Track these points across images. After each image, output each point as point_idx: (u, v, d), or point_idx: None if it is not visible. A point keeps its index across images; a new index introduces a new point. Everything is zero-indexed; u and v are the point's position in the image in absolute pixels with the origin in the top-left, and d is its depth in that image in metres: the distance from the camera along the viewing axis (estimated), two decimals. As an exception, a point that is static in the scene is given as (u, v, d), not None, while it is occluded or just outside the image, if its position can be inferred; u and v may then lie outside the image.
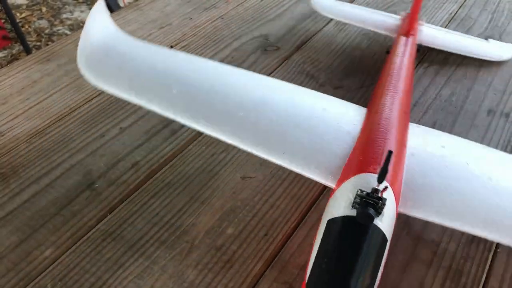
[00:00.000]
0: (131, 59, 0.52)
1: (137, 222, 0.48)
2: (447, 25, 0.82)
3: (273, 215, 0.49)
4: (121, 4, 1.89)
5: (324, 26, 0.82)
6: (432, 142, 0.47)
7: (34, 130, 0.59)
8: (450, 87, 0.67)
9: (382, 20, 0.74)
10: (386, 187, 0.36)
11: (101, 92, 0.65)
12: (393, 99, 0.50)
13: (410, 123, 0.50)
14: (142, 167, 0.54)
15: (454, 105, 0.64)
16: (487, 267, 0.45)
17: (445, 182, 0.42)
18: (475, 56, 0.72)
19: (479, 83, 0.68)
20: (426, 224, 0.48)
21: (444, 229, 0.47)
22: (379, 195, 0.35)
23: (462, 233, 0.47)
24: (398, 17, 0.72)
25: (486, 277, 0.44)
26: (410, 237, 0.47)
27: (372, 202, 0.34)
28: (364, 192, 0.35)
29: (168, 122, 0.60)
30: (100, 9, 0.54)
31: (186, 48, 0.75)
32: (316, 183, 0.52)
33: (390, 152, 0.33)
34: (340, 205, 0.37)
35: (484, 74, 0.70)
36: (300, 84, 0.66)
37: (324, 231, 0.36)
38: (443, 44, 0.73)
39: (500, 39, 0.77)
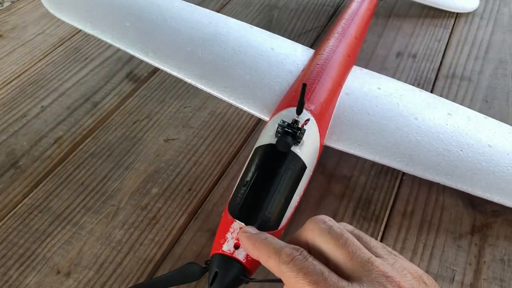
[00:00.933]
0: None
1: (63, 193, 0.49)
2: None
3: (196, 171, 0.51)
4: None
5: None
6: (369, 83, 0.51)
7: (-48, 118, 0.59)
8: (362, 35, 0.70)
9: None
10: (308, 119, 0.40)
11: (20, 75, 0.64)
12: (339, 42, 0.53)
13: (355, 66, 0.53)
14: (65, 141, 0.55)
15: (365, 51, 0.67)
16: (394, 193, 0.49)
17: (373, 119, 0.46)
18: (442, 8, 0.74)
19: (389, 28, 0.72)
20: (338, 161, 0.51)
21: (354, 164, 0.51)
22: (300, 126, 0.38)
23: (372, 166, 0.51)
24: None
25: (393, 202, 0.48)
26: (324, 176, 0.50)
27: (291, 131, 0.37)
28: (286, 123, 0.38)
29: (90, 96, 0.61)
30: None
31: None
32: (237, 137, 0.55)
33: (304, 85, 0.35)
34: (267, 135, 0.40)
35: (394, 20, 0.73)
36: (253, 23, 0.67)
37: (250, 157, 0.40)
38: None
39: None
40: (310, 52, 0.54)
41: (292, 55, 0.53)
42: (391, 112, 0.47)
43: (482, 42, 0.68)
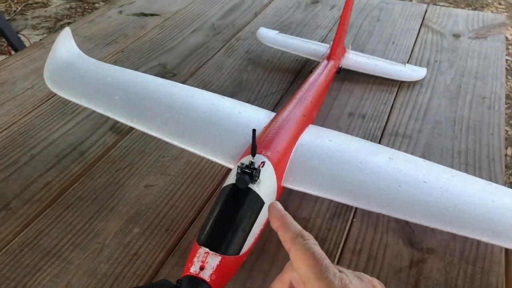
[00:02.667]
0: (85, 74, 0.66)
1: (52, 232, 0.55)
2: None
3: (173, 214, 0.58)
4: (27, 44, 1.90)
5: (215, 54, 0.93)
6: (322, 137, 0.60)
7: None
8: (320, 97, 0.80)
9: (314, 49, 0.88)
10: (263, 162, 0.49)
11: (10, 125, 0.71)
12: (296, 105, 0.63)
13: (311, 125, 0.63)
14: (54, 186, 0.61)
15: (322, 111, 0.77)
16: (345, 234, 0.56)
17: (323, 164, 0.55)
18: (392, 78, 0.86)
19: (343, 92, 0.82)
20: (299, 205, 0.59)
21: (312, 208, 0.59)
22: (256, 167, 0.46)
23: (327, 210, 0.59)
24: (328, 45, 0.85)
25: (345, 241, 0.55)
26: (286, 217, 0.58)
27: (248, 171, 0.45)
28: (244, 165, 0.46)
29: (77, 145, 0.67)
30: (66, 34, 0.71)
31: (90, 80, 0.83)
32: (210, 183, 0.62)
33: (253, 130, 0.44)
34: (230, 177, 0.48)
35: (347, 85, 0.84)
36: None
37: (217, 196, 0.47)
38: (363, 67, 0.87)
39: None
40: (272, 114, 0.63)
41: (256, 117, 0.62)
42: (339, 158, 0.56)
43: (421, 106, 0.80)
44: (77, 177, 0.62)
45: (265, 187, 0.48)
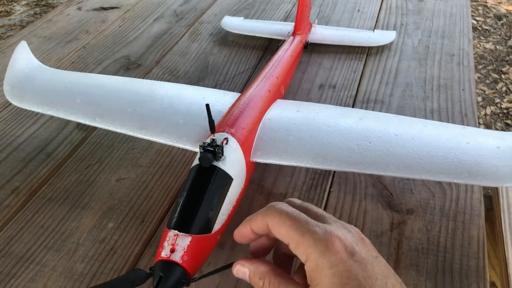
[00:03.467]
0: (46, 84, 0.64)
1: (24, 237, 0.53)
2: (284, 21, 0.95)
3: (147, 205, 0.57)
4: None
5: (179, 40, 0.91)
6: (289, 109, 0.59)
7: None
8: (289, 72, 0.79)
9: (280, 29, 0.87)
10: (226, 138, 0.47)
11: (-27, 134, 0.68)
12: (261, 82, 0.62)
13: (279, 100, 0.62)
14: (22, 190, 0.59)
15: (292, 86, 0.76)
16: (323, 204, 0.56)
17: (290, 133, 0.54)
18: (361, 45, 0.85)
19: (312, 64, 0.81)
20: (275, 182, 0.58)
21: (288, 183, 0.58)
22: (219, 143, 0.45)
23: (303, 183, 0.58)
24: (293, 23, 0.83)
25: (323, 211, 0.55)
26: (263, 195, 0.57)
27: (211, 149, 0.44)
28: (205, 143, 0.45)
29: (43, 147, 0.65)
30: (23, 47, 0.69)
31: (52, 80, 0.81)
32: (183, 171, 0.60)
33: (207, 105, 0.42)
34: (195, 159, 0.47)
35: (315, 57, 0.83)
36: None
37: (183, 181, 0.46)
38: (332, 39, 0.86)
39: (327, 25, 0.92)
40: (236, 94, 0.62)
41: (221, 99, 0.61)
42: (307, 125, 0.55)
43: (391, 70, 0.79)
44: (46, 179, 0.61)
45: (232, 163, 0.47)
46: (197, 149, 0.53)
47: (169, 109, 0.58)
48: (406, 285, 0.46)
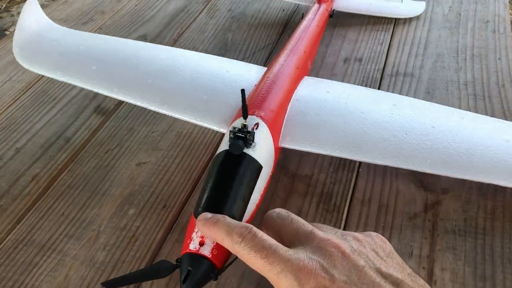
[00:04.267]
0: (58, 45, 0.61)
1: (45, 225, 0.52)
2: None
3: (169, 189, 0.55)
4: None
5: (197, 17, 0.88)
6: (319, 89, 0.55)
7: None
8: (312, 46, 0.76)
9: None
10: (257, 123, 0.44)
11: (-8, 121, 0.67)
12: (288, 57, 0.58)
13: (306, 77, 0.58)
14: (43, 177, 0.58)
15: (316, 61, 0.72)
16: (352, 185, 0.53)
17: (322, 119, 0.51)
18: (389, 16, 0.80)
19: (336, 37, 0.77)
20: (299, 162, 0.56)
21: (314, 163, 0.55)
22: (249, 129, 0.42)
23: (330, 164, 0.55)
24: None
25: (352, 193, 0.52)
26: (287, 177, 0.54)
27: (241, 135, 0.41)
28: (236, 129, 0.42)
29: (61, 133, 0.64)
30: (31, 4, 0.65)
31: (69, 63, 0.79)
32: (204, 153, 0.58)
33: (242, 91, 0.39)
34: (223, 143, 0.44)
35: (339, 30, 0.79)
36: None
37: (210, 165, 0.43)
38: (358, 8, 0.80)
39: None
40: (263, 70, 0.58)
41: (246, 74, 0.57)
42: (339, 110, 0.51)
43: (420, 40, 0.74)
44: (65, 165, 0.59)
45: (262, 150, 0.43)
46: (222, 129, 0.50)
47: (192, 83, 0.55)
48: (442, 269, 0.44)
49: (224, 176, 0.40)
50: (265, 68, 0.58)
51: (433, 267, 0.44)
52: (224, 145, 0.43)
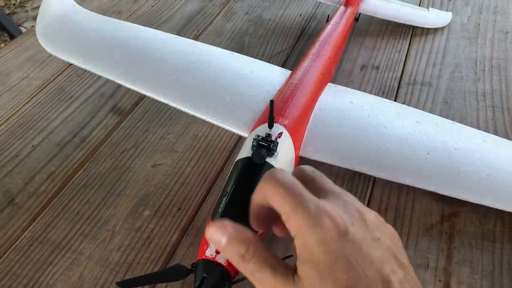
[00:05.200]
0: (82, 29, 0.61)
1: (60, 224, 0.52)
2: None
3: (184, 192, 0.55)
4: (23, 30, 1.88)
5: (213, 19, 0.88)
6: (342, 98, 0.55)
7: None
8: (328, 52, 0.75)
9: None
10: (281, 133, 0.44)
11: (8, 118, 0.68)
12: (313, 62, 0.57)
13: (329, 84, 0.57)
14: (58, 176, 0.58)
15: (332, 67, 0.72)
16: (368, 194, 0.52)
17: (344, 131, 0.50)
18: (415, 24, 0.79)
19: (353, 44, 0.77)
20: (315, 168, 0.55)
21: (330, 170, 0.55)
22: (273, 139, 0.42)
23: (346, 171, 0.55)
24: None
25: (368, 202, 0.52)
26: (303, 183, 0.54)
27: (265, 144, 0.41)
28: (260, 137, 0.42)
29: (77, 131, 0.64)
30: None
31: (86, 62, 0.79)
32: (220, 156, 0.58)
33: (271, 101, 0.39)
34: (245, 149, 0.44)
35: (356, 36, 0.79)
36: None
37: (230, 171, 0.43)
38: (384, 13, 0.79)
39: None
40: (287, 73, 0.58)
41: (270, 76, 0.57)
42: (362, 123, 0.51)
43: (438, 50, 0.74)
44: (81, 164, 0.59)
45: (283, 159, 0.43)
46: (244, 134, 0.50)
47: (216, 82, 0.55)
48: (459, 282, 0.43)
49: (245, 183, 0.40)
50: (288, 71, 0.58)
51: (450, 280, 0.44)
52: (246, 152, 0.43)
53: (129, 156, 0.60)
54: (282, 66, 0.73)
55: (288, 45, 0.79)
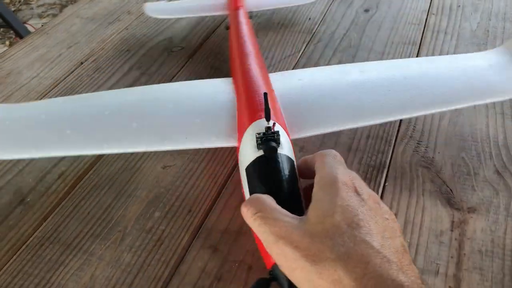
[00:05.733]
0: (15, 124, 0.54)
1: (71, 224, 0.53)
2: None
3: (194, 194, 0.55)
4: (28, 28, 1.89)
5: (223, 21, 0.89)
6: (289, 79, 0.58)
7: (-42, 163, 0.62)
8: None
9: (211, 4, 0.82)
10: (274, 123, 0.45)
11: (19, 116, 0.68)
12: (247, 59, 0.60)
13: (271, 73, 0.60)
14: (69, 176, 0.58)
15: (342, 71, 0.72)
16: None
17: (313, 102, 0.54)
18: (292, 4, 0.87)
19: (362, 49, 0.77)
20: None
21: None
22: (272, 130, 0.43)
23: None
24: None
25: (378, 207, 0.52)
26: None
27: (270, 137, 0.43)
28: (261, 133, 0.43)
29: (88, 132, 0.65)
30: None
31: (96, 62, 0.80)
32: (230, 159, 0.59)
33: (265, 94, 0.41)
34: (248, 153, 0.45)
35: (365, 41, 0.79)
36: (207, 76, 0.73)
37: (247, 179, 0.44)
38: (269, 3, 0.85)
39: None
40: (229, 80, 0.59)
41: (218, 89, 0.58)
42: (321, 91, 0.55)
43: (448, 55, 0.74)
44: (91, 164, 0.60)
45: (287, 146, 0.45)
46: (233, 144, 0.50)
47: (178, 113, 0.53)
48: (470, 290, 0.44)
49: (274, 179, 0.42)
50: (229, 79, 0.59)
51: (460, 287, 0.44)
52: (251, 155, 0.44)
53: (139, 158, 0.60)
54: (292, 69, 0.74)
55: (297, 49, 0.79)
